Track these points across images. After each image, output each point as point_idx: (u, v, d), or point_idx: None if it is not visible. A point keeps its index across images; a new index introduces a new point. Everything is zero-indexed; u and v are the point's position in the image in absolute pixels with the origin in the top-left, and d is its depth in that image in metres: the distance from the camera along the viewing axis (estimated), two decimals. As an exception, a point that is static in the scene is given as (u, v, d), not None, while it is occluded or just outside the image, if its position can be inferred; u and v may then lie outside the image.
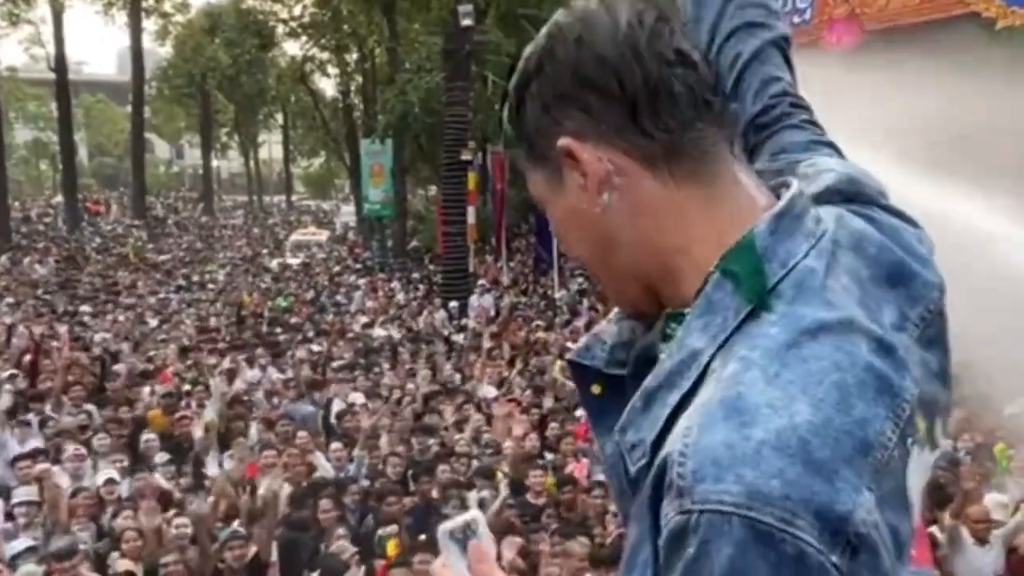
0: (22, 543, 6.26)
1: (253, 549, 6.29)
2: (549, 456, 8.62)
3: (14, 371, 11.78)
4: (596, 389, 1.09)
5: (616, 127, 0.95)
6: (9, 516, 6.74)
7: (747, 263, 0.91)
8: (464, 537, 1.17)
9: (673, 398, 0.91)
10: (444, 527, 1.18)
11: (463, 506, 6.56)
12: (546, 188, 1.01)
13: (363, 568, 5.86)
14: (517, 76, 1.01)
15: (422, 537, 6.07)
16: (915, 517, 0.91)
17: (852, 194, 1.04)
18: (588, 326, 15.29)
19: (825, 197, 1.02)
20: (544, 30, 1.01)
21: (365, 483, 7.76)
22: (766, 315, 0.89)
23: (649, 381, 0.95)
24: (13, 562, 5.98)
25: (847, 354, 0.86)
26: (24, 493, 6.84)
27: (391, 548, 5.77)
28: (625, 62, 0.94)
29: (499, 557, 1.23)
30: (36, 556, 6.04)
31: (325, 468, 8.03)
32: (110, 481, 7.30)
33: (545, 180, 1.01)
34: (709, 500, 0.79)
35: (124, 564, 6.12)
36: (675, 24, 0.96)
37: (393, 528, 6.37)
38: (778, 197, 0.98)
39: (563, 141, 0.96)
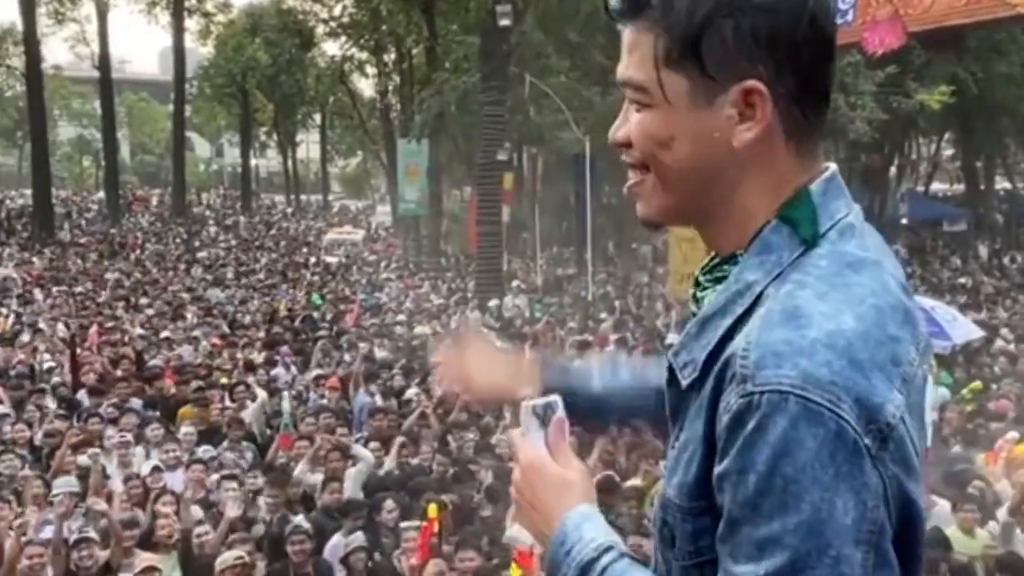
0: None
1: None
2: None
3: (52, 363, 11.99)
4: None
5: (790, 94, 1.03)
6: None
7: (804, 212, 1.05)
8: (544, 414, 1.21)
9: (726, 322, 1.03)
10: (527, 402, 1.22)
11: None
12: (680, 94, 1.04)
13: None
14: None
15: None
16: (927, 439, 1.04)
17: None
18: (617, 325, 15.26)
19: None
20: None
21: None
22: (816, 251, 1.03)
23: (704, 311, 1.07)
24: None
25: (882, 285, 1.01)
26: (64, 484, 6.92)
27: (432, 512, 5.80)
28: (820, 43, 1.04)
29: None
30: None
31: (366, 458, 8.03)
32: (156, 470, 7.38)
33: (686, 89, 1.04)
34: (770, 382, 0.93)
35: (148, 558, 5.96)
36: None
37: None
38: None
39: (753, 84, 1.02)
